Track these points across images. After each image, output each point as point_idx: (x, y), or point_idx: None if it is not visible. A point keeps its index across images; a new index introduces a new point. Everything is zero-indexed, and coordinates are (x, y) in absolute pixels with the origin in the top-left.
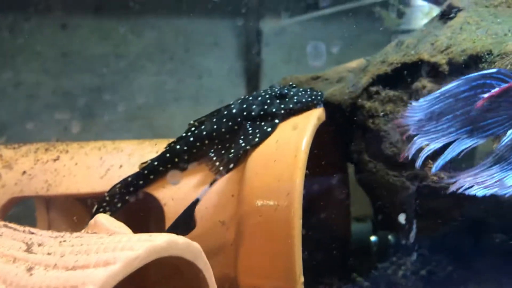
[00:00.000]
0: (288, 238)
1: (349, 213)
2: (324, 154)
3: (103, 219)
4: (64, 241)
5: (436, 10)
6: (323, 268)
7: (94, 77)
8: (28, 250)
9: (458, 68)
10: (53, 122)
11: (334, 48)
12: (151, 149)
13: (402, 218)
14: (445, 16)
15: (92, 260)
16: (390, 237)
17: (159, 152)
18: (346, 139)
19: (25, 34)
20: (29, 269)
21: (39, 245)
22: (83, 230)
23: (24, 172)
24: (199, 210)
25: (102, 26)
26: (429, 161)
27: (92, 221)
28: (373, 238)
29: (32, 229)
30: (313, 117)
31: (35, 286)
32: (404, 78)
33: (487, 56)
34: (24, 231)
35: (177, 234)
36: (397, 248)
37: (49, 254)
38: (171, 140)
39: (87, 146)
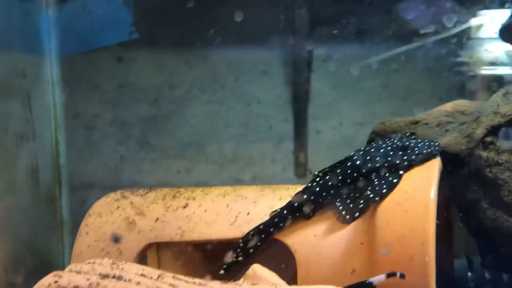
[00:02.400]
0: (426, 285)
1: (453, 253)
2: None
3: (260, 270)
4: None
5: None
6: None
7: (149, 107)
8: None
9: None
10: (111, 151)
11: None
12: (273, 196)
13: None
14: None
15: None
16: (486, 274)
17: (281, 199)
18: (461, 188)
19: (84, 67)
20: None
21: None
22: (242, 279)
23: (157, 219)
24: (331, 257)
25: (156, 58)
26: None
27: (250, 272)
28: (469, 274)
29: (201, 281)
30: (435, 168)
31: None
32: None
33: None
34: (194, 283)
35: None
36: (494, 285)
37: None
38: (286, 186)
39: (211, 193)
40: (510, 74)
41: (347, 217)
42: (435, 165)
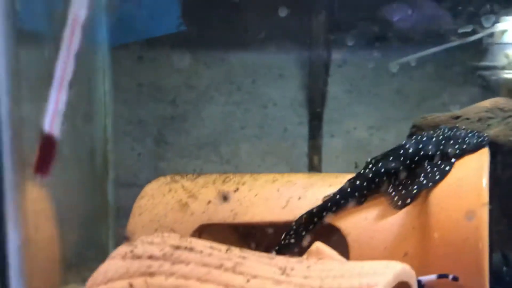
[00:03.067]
0: (479, 267)
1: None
2: None
3: (323, 247)
4: (309, 266)
5: None
6: None
7: (167, 106)
8: (285, 273)
9: None
10: (128, 149)
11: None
12: (322, 183)
13: None
14: None
15: (355, 283)
16: None
17: (331, 186)
18: (507, 179)
19: (106, 66)
20: None
21: (292, 269)
22: (305, 255)
23: (209, 202)
24: (383, 241)
25: (175, 59)
26: None
27: (313, 248)
28: (505, 268)
29: (268, 254)
30: (486, 157)
31: None
32: None
33: None
34: (262, 256)
35: None
36: None
37: (306, 277)
38: (335, 174)
39: (260, 179)
40: None
41: (399, 202)
42: (485, 154)
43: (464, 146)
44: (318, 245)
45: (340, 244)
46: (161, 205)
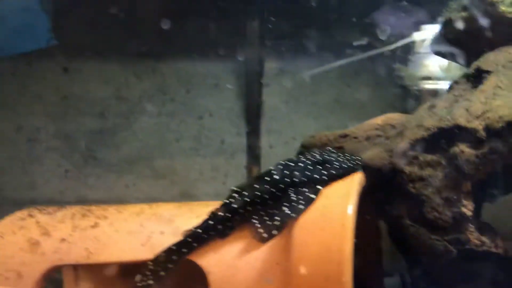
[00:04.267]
0: None
1: (382, 270)
2: (360, 214)
3: None
4: None
5: (454, 65)
6: None
7: (96, 120)
8: None
9: (495, 133)
10: (54, 165)
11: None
12: (190, 215)
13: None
14: (473, 79)
15: None
16: None
17: (199, 217)
18: (384, 203)
19: (27, 78)
20: None
21: None
22: None
23: (63, 240)
24: (245, 279)
25: (103, 70)
26: (470, 225)
27: None
28: None
29: None
30: (356, 183)
31: None
32: (441, 142)
33: None
34: None
35: None
36: None
37: None
38: (206, 202)
39: (125, 211)
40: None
41: (264, 235)
42: (355, 180)
43: (333, 172)
44: None
45: (203, 282)
46: (10, 245)
